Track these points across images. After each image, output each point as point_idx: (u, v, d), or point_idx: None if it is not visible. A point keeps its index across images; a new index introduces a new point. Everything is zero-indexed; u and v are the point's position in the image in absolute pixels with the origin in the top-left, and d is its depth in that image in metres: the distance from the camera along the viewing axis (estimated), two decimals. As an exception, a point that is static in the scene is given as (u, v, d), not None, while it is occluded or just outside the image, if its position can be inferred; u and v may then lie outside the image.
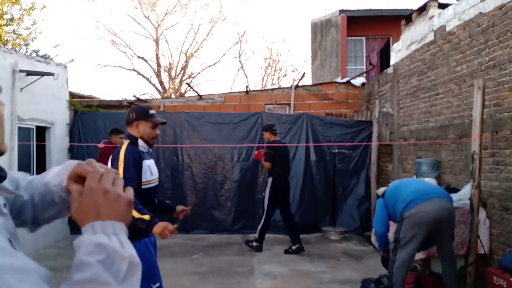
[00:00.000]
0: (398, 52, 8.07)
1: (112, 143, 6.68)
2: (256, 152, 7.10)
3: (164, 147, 8.16)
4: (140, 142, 3.23)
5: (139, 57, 23.19)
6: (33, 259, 0.79)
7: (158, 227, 2.88)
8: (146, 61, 23.36)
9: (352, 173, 8.44)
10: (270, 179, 6.77)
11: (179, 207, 3.37)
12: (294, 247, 6.69)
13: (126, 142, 3.18)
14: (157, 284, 3.09)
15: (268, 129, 6.91)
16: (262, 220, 6.73)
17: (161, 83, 23.20)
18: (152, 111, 3.27)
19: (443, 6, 6.60)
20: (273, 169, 6.70)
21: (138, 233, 3.03)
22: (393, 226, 4.35)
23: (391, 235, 4.35)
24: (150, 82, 23.46)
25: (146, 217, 2.86)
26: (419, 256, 5.01)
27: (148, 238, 3.12)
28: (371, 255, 6.58)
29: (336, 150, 8.03)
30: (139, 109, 3.28)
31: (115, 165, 3.04)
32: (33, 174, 6.60)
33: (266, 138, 6.92)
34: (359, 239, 7.67)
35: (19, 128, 6.26)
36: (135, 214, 2.82)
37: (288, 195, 7.03)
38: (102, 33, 24.25)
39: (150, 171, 3.21)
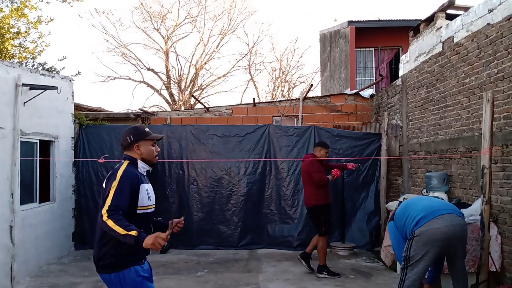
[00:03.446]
0: (406, 64, 7.94)
1: (317, 156, 6.35)
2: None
3: (169, 161, 8.09)
4: (140, 163, 3.04)
5: (148, 69, 23.31)
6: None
7: (149, 239, 2.64)
8: (156, 73, 23.49)
9: (361, 186, 8.22)
10: None
11: (175, 221, 3.03)
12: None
13: (125, 163, 2.97)
14: None
15: None
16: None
17: (171, 95, 23.27)
18: (147, 129, 3.11)
19: (451, 17, 6.47)
20: None
21: (125, 261, 2.86)
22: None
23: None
24: (160, 94, 23.56)
25: (133, 232, 2.64)
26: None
27: (139, 266, 2.92)
28: (381, 272, 6.40)
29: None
30: (135, 130, 3.09)
31: (109, 183, 2.84)
32: (36, 189, 6.62)
33: None
34: (369, 255, 7.48)
35: (22, 143, 6.19)
36: (121, 230, 2.64)
37: None
38: (112, 45, 24.23)
39: (148, 196, 2.99)
